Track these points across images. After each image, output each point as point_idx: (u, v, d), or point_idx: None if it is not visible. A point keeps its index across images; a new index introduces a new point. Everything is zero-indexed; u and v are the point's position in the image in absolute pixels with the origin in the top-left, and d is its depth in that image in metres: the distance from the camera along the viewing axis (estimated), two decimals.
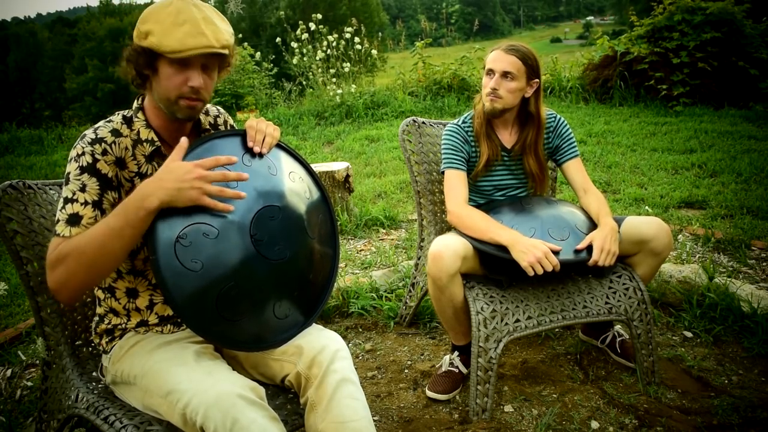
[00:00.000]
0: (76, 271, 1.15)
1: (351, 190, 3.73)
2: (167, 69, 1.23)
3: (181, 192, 1.16)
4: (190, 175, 1.17)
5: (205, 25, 1.21)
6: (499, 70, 1.89)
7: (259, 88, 8.48)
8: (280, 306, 1.31)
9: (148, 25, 1.21)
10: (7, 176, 5.58)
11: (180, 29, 1.19)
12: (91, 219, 1.20)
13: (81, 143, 1.25)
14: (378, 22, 36.95)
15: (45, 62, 39.63)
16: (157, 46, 1.19)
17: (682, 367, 2.06)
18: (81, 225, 1.19)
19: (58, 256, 1.15)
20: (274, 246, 1.29)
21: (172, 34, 1.19)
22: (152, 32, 1.20)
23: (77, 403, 1.36)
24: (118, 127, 1.30)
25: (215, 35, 1.22)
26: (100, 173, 1.23)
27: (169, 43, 1.19)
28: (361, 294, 2.64)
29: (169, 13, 1.20)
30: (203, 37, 1.20)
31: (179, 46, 1.18)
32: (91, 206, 1.21)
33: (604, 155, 4.94)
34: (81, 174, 1.22)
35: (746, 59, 6.59)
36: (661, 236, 1.86)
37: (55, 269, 1.15)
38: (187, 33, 1.19)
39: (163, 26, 1.19)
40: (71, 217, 1.19)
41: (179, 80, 1.24)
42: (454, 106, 7.22)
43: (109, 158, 1.25)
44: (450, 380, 1.97)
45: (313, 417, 1.27)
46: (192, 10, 1.21)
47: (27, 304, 2.89)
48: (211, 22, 1.23)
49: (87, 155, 1.23)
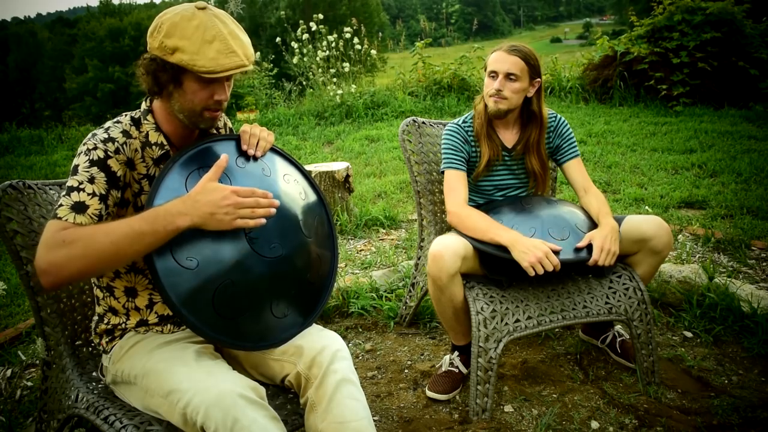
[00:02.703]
0: (76, 258, 1.10)
1: (351, 190, 3.73)
2: (194, 84, 1.23)
3: (213, 217, 1.18)
4: (227, 201, 1.19)
5: (233, 41, 1.21)
6: (503, 72, 1.89)
7: (259, 88, 8.48)
8: (278, 305, 1.32)
9: (175, 40, 1.19)
10: (7, 176, 5.58)
11: (211, 47, 1.18)
12: (97, 211, 1.19)
13: (93, 140, 1.24)
14: (378, 22, 36.97)
15: (45, 62, 39.64)
16: (189, 65, 1.19)
17: (682, 367, 2.06)
18: (86, 214, 1.17)
19: (65, 239, 1.11)
20: (269, 244, 1.30)
21: (204, 53, 1.18)
22: (181, 49, 1.18)
23: (77, 403, 1.36)
24: (127, 128, 1.30)
25: (244, 51, 1.23)
26: (110, 170, 1.23)
27: (202, 63, 1.18)
28: (361, 294, 2.64)
29: (196, 28, 1.19)
30: (236, 57, 1.20)
31: (214, 66, 1.19)
32: (98, 198, 1.19)
33: (604, 155, 4.94)
34: (91, 167, 1.21)
35: (746, 59, 6.59)
36: (661, 235, 1.86)
37: (55, 250, 1.10)
38: (219, 51, 1.19)
39: (192, 43, 1.18)
40: (77, 205, 1.17)
41: (206, 95, 1.25)
42: (454, 106, 7.22)
43: (121, 157, 1.25)
44: (450, 380, 1.97)
45: (313, 417, 1.27)
46: (218, 26, 1.20)
47: (27, 304, 2.89)
48: (237, 36, 1.23)
49: (99, 150, 1.22)
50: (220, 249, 1.22)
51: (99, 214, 1.19)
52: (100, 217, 1.19)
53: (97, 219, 1.18)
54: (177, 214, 1.15)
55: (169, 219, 1.15)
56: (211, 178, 1.22)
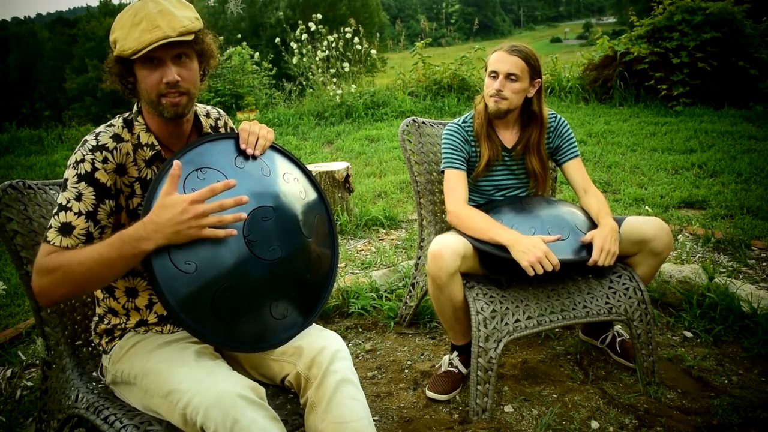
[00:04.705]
0: (61, 285, 1.16)
1: (351, 190, 3.73)
2: (142, 71, 1.23)
3: (178, 234, 1.15)
4: (186, 215, 1.14)
5: (161, 18, 1.19)
6: (503, 72, 1.89)
7: (259, 88, 8.47)
8: (277, 306, 1.31)
9: (115, 33, 1.22)
10: (7, 176, 5.58)
11: (137, 28, 1.19)
12: (83, 230, 1.20)
13: (81, 150, 1.24)
14: (378, 22, 36.97)
15: (45, 62, 39.66)
16: (121, 52, 1.20)
17: (682, 367, 2.06)
18: (72, 235, 1.19)
19: (48, 266, 1.16)
20: (268, 246, 1.29)
21: (131, 35, 1.19)
22: (119, 38, 1.21)
23: (77, 403, 1.36)
24: (119, 131, 1.29)
25: (170, 24, 1.20)
26: (98, 183, 1.23)
27: (129, 45, 1.19)
28: (361, 294, 2.64)
29: (128, 16, 1.20)
30: (158, 30, 1.19)
31: (137, 44, 1.18)
32: (84, 217, 1.21)
33: (604, 155, 4.94)
34: (78, 182, 1.22)
35: (746, 59, 6.59)
36: (661, 236, 1.86)
37: (43, 277, 1.16)
38: (144, 30, 1.18)
39: (123, 30, 1.20)
40: (63, 227, 1.19)
41: (155, 79, 1.23)
42: (454, 106, 7.22)
43: (109, 166, 1.25)
44: (449, 380, 1.97)
45: (313, 417, 1.27)
46: (148, 7, 1.20)
47: (27, 304, 2.89)
48: (168, 12, 1.20)
49: (86, 163, 1.23)
50: (218, 252, 1.21)
51: (86, 233, 1.21)
52: (88, 236, 1.21)
53: (84, 239, 1.21)
54: (140, 240, 1.14)
55: (134, 244, 1.14)
56: (168, 191, 1.16)
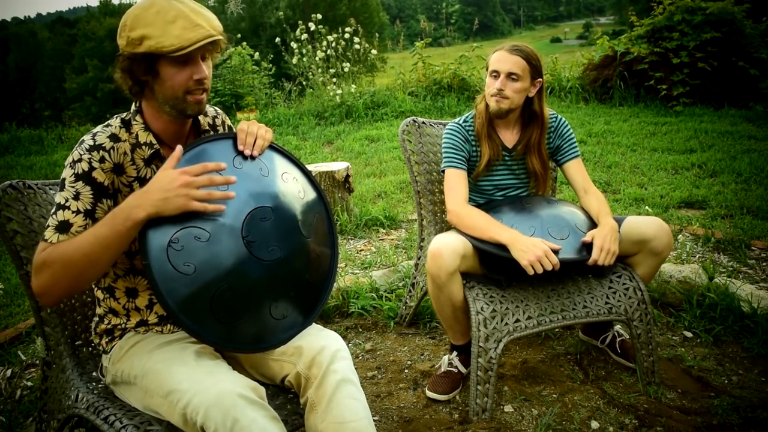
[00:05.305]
0: (60, 278, 1.15)
1: (351, 190, 3.73)
2: (169, 69, 1.22)
3: (167, 201, 1.16)
4: (175, 183, 1.16)
5: (196, 16, 1.20)
6: (504, 71, 1.89)
7: (258, 88, 8.47)
8: (276, 307, 1.31)
9: (139, 30, 1.19)
10: (7, 176, 5.58)
11: (175, 26, 1.18)
12: (81, 228, 1.20)
13: (79, 149, 1.24)
14: (378, 22, 36.95)
15: (45, 62, 39.65)
16: (157, 48, 1.18)
17: (682, 367, 2.06)
18: (69, 233, 1.19)
19: (45, 261, 1.15)
20: (267, 247, 1.28)
21: (169, 32, 1.18)
22: (147, 36, 1.19)
23: (77, 403, 1.36)
24: (116, 131, 1.29)
25: (209, 23, 1.22)
26: (96, 182, 1.23)
27: (170, 42, 1.18)
28: (361, 294, 2.64)
29: (156, 13, 1.19)
30: (201, 29, 1.19)
31: (181, 42, 1.18)
32: (83, 215, 1.21)
33: (604, 155, 4.94)
34: (76, 181, 1.22)
35: (746, 59, 6.59)
36: (661, 236, 1.86)
37: (40, 274, 1.15)
38: (184, 28, 1.18)
39: (156, 27, 1.18)
40: (61, 224, 1.19)
41: (184, 77, 1.23)
42: (454, 106, 7.22)
43: (106, 166, 1.25)
44: (449, 380, 1.97)
45: (313, 417, 1.27)
46: (177, 5, 1.20)
47: (27, 304, 2.89)
48: (199, 12, 1.22)
49: (84, 162, 1.22)
50: (217, 254, 1.21)
51: (83, 231, 1.20)
52: None
53: None
54: (131, 209, 1.15)
55: (125, 215, 1.15)
56: (166, 167, 1.20)
